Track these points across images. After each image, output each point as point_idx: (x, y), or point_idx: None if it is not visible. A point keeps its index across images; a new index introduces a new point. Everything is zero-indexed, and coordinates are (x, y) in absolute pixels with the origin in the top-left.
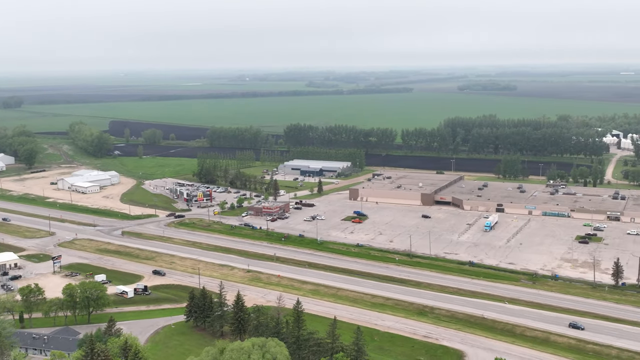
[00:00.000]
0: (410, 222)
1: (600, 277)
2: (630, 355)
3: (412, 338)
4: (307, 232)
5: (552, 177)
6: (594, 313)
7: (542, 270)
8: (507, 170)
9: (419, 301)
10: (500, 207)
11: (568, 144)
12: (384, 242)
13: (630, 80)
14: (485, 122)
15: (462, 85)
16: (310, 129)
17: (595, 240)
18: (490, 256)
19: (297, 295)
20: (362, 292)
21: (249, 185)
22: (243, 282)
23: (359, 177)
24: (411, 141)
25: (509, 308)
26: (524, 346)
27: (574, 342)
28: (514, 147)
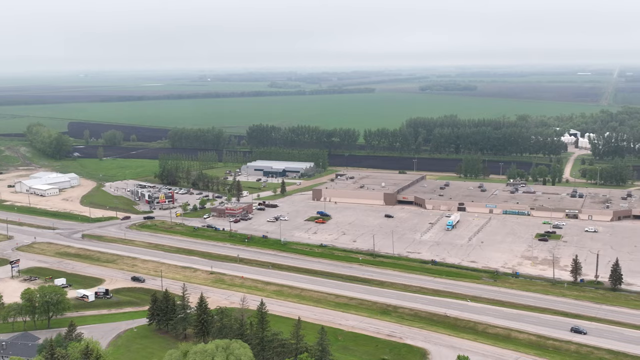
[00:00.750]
0: (374, 221)
1: (559, 274)
2: (589, 350)
3: (376, 337)
4: (270, 233)
5: (512, 176)
6: (554, 309)
7: (503, 268)
8: (468, 169)
9: (382, 300)
10: (462, 206)
11: (527, 143)
12: (347, 242)
13: (587, 81)
14: (446, 122)
15: (424, 85)
16: (273, 130)
17: (554, 237)
18: (453, 255)
19: (261, 297)
20: (326, 292)
21: (212, 187)
22: (206, 284)
23: (322, 177)
24: (374, 141)
25: (471, 306)
26: (486, 343)
27: (534, 339)
28: (474, 147)
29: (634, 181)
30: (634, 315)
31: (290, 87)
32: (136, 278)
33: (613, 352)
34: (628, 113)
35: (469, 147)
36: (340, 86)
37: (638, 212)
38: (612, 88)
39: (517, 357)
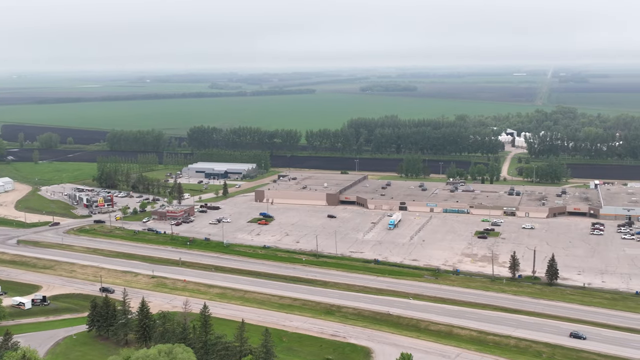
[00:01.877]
0: (316, 222)
1: (498, 270)
2: (527, 344)
3: (320, 337)
4: (213, 235)
5: (451, 175)
6: (494, 305)
7: (444, 266)
8: (409, 169)
9: (326, 300)
10: (403, 205)
11: (466, 142)
12: (290, 243)
13: (522, 81)
14: (387, 122)
15: (364, 86)
16: (214, 131)
17: (493, 235)
18: (395, 253)
19: (204, 300)
20: (270, 293)
21: (152, 189)
22: (148, 288)
23: (264, 178)
24: (315, 142)
25: (413, 304)
26: (429, 340)
27: (475, 334)
28: (415, 147)
29: (568, 179)
30: (569, 309)
31: (231, 88)
32: (105, 289)
33: (550, 345)
34: (562, 112)
35: (410, 147)
36: (281, 87)
37: (572, 208)
38: (547, 88)
39: (458, 353)
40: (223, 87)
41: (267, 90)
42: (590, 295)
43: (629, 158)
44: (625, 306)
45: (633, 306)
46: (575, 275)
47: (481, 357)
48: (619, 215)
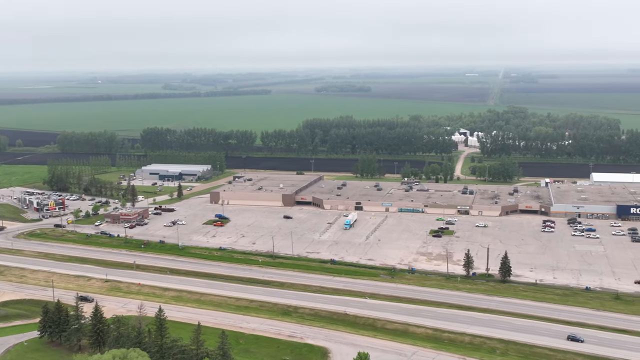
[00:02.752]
0: (272, 223)
1: (453, 268)
2: (482, 340)
3: (278, 338)
4: (167, 237)
5: (406, 175)
6: (449, 303)
7: (399, 265)
8: (364, 169)
9: (283, 301)
10: (359, 205)
11: (420, 142)
12: (246, 245)
13: (475, 82)
14: (342, 122)
15: (319, 86)
16: (168, 132)
17: (447, 233)
18: (351, 253)
19: (159, 303)
20: (226, 295)
21: (105, 192)
22: (101, 292)
23: (219, 180)
24: (271, 143)
25: (369, 303)
26: (385, 339)
27: (431, 332)
28: (370, 147)
29: (520, 177)
30: (522, 305)
31: (185, 89)
32: (84, 298)
33: (504, 341)
34: (513, 112)
35: (365, 147)
36: (236, 88)
37: (524, 206)
38: (498, 89)
39: (415, 350)
40: (177, 88)
41: (222, 91)
42: (542, 292)
43: (578, 157)
44: (575, 301)
45: (583, 301)
46: (527, 272)
47: (437, 354)
48: (568, 213)
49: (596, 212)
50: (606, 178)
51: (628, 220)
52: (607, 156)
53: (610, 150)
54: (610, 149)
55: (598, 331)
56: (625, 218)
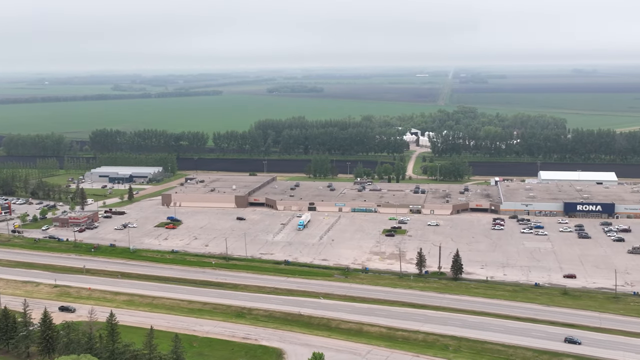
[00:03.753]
0: (226, 224)
1: (406, 267)
2: (435, 338)
3: (232, 341)
4: (118, 241)
5: (359, 175)
6: (402, 301)
7: (353, 264)
8: (317, 169)
9: (236, 303)
10: (312, 205)
11: (372, 142)
12: (199, 247)
13: (425, 82)
14: (294, 123)
15: (271, 87)
16: (118, 134)
17: (400, 232)
18: (305, 254)
19: (110, 308)
20: (179, 298)
21: (53, 195)
22: (50, 298)
23: (171, 182)
24: (223, 144)
25: (324, 303)
26: (340, 338)
27: (385, 331)
28: (322, 147)
29: (470, 176)
30: (474, 302)
31: (135, 90)
32: (65, 308)
33: (457, 338)
34: (463, 112)
35: (318, 147)
36: (187, 88)
37: (475, 205)
38: (448, 89)
39: (369, 349)
40: (126, 89)
41: (173, 92)
42: (493, 288)
43: (526, 155)
44: (525, 297)
45: (532, 297)
46: (478, 270)
47: (391, 352)
48: (518, 211)
49: (544, 210)
50: (553, 176)
51: (575, 217)
52: (554, 155)
53: (557, 149)
54: (557, 148)
55: (547, 326)
56: (572, 215)
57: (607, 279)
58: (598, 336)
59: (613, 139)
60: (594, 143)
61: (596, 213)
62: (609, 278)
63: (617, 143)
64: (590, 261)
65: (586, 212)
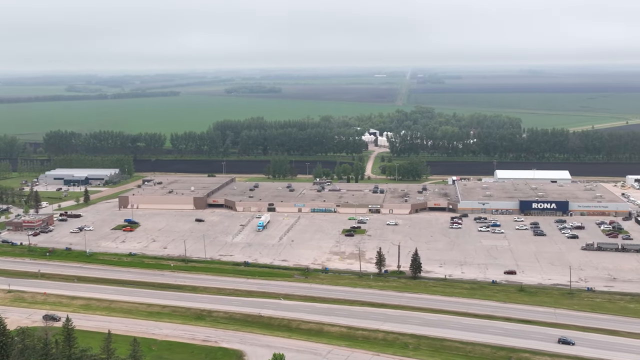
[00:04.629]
0: (184, 226)
1: (365, 266)
2: (395, 336)
3: (191, 343)
4: (74, 244)
5: (318, 175)
6: (362, 301)
7: (313, 265)
8: (276, 170)
9: (196, 306)
10: (272, 206)
11: (331, 143)
12: (157, 249)
13: (383, 83)
14: (253, 124)
15: (229, 88)
16: (73, 136)
17: (359, 232)
18: (265, 255)
19: (66, 312)
20: (137, 302)
21: (6, 199)
22: (4, 303)
23: (128, 184)
24: (181, 145)
25: (284, 304)
26: (300, 339)
27: (345, 330)
28: (281, 148)
29: (428, 175)
30: (432, 301)
31: (90, 91)
32: (50, 316)
33: (416, 336)
34: (420, 112)
35: (277, 148)
36: (144, 89)
37: (433, 204)
38: (406, 89)
39: (330, 349)
40: (81, 90)
41: (129, 93)
42: (452, 286)
43: (483, 155)
44: (483, 295)
45: (490, 294)
46: (437, 268)
47: (351, 352)
48: (475, 209)
49: (501, 208)
50: (509, 175)
51: (530, 215)
52: (510, 154)
53: (513, 148)
54: (512, 147)
55: (504, 322)
56: (527, 213)
57: (561, 275)
58: (552, 331)
59: (566, 138)
60: (548, 142)
61: (551, 211)
62: (563, 274)
63: (570, 142)
64: (546, 258)
65: (541, 210)
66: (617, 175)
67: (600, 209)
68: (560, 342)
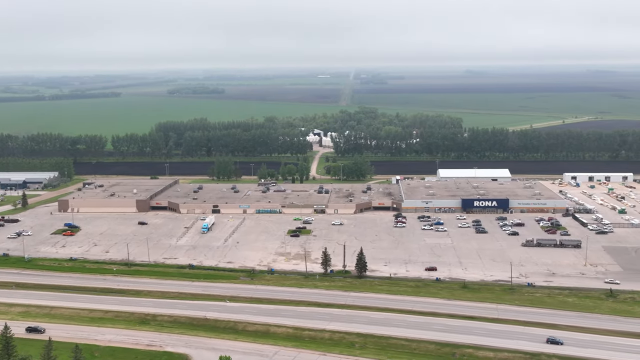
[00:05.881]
0: (127, 230)
1: (311, 267)
2: (341, 335)
3: (135, 349)
4: (12, 250)
5: (263, 176)
6: (308, 301)
7: (259, 266)
8: (220, 171)
9: (140, 310)
10: (216, 208)
11: (276, 143)
12: (99, 253)
13: (327, 83)
14: (196, 125)
15: (172, 88)
16: (10, 139)
17: (305, 232)
18: (209, 257)
19: (4, 320)
20: (79, 307)
21: None
22: None
23: (68, 187)
24: (123, 147)
25: (230, 306)
26: (246, 341)
27: (291, 331)
28: (225, 149)
29: (372, 175)
30: (378, 299)
31: (27, 92)
32: (33, 328)
33: (362, 335)
34: (364, 112)
35: (221, 149)
36: (84, 91)
37: (377, 203)
38: (350, 90)
39: (276, 350)
40: (17, 91)
41: (68, 94)
42: (397, 285)
43: (425, 154)
44: (427, 292)
45: (434, 292)
46: (382, 267)
47: (298, 352)
48: (418, 208)
49: (443, 207)
50: (451, 174)
51: (472, 213)
52: (452, 153)
53: (454, 147)
54: (454, 146)
55: (448, 319)
56: (469, 211)
57: (503, 272)
58: (494, 326)
59: (506, 137)
60: (489, 141)
61: (492, 208)
62: (504, 270)
63: (510, 141)
64: (488, 255)
65: (483, 208)
66: (554, 173)
67: (539, 206)
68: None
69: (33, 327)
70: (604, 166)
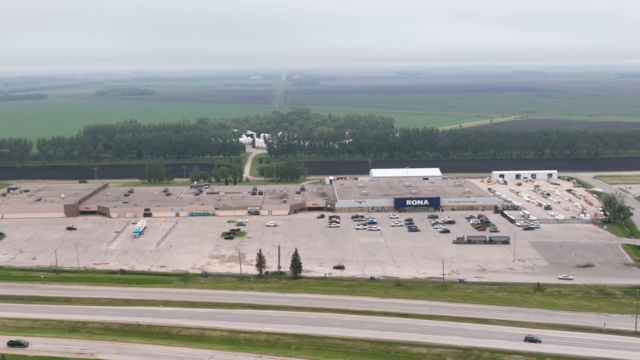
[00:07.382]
0: (55, 235)
1: (246, 269)
2: (277, 337)
3: (66, 357)
4: None
5: (195, 178)
6: (243, 303)
7: (192, 270)
8: (151, 174)
9: (70, 318)
10: (148, 211)
11: (208, 145)
12: (26, 260)
13: (259, 84)
14: (126, 127)
15: (100, 90)
16: None
17: (239, 235)
18: (142, 262)
19: None
20: (5, 317)
21: None
22: None
23: None
24: (49, 151)
25: (163, 311)
26: (181, 346)
27: (227, 334)
28: (157, 151)
29: (306, 176)
30: (313, 299)
31: None
32: (15, 342)
33: (298, 336)
34: (297, 113)
35: (152, 151)
36: (7, 92)
37: (311, 204)
38: (282, 90)
39: (211, 354)
40: None
41: None
42: (331, 285)
43: (358, 154)
44: (362, 291)
45: (369, 290)
46: (317, 267)
47: (234, 355)
48: (352, 208)
49: (376, 206)
50: (384, 173)
51: (404, 211)
52: (384, 153)
53: (386, 147)
54: (386, 146)
55: (383, 317)
56: (402, 210)
57: (435, 269)
58: (428, 323)
59: (436, 136)
60: (420, 141)
61: (424, 207)
62: (437, 268)
63: (440, 140)
64: (420, 253)
65: (415, 207)
66: (483, 172)
67: (469, 203)
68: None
69: (16, 341)
70: (530, 164)
